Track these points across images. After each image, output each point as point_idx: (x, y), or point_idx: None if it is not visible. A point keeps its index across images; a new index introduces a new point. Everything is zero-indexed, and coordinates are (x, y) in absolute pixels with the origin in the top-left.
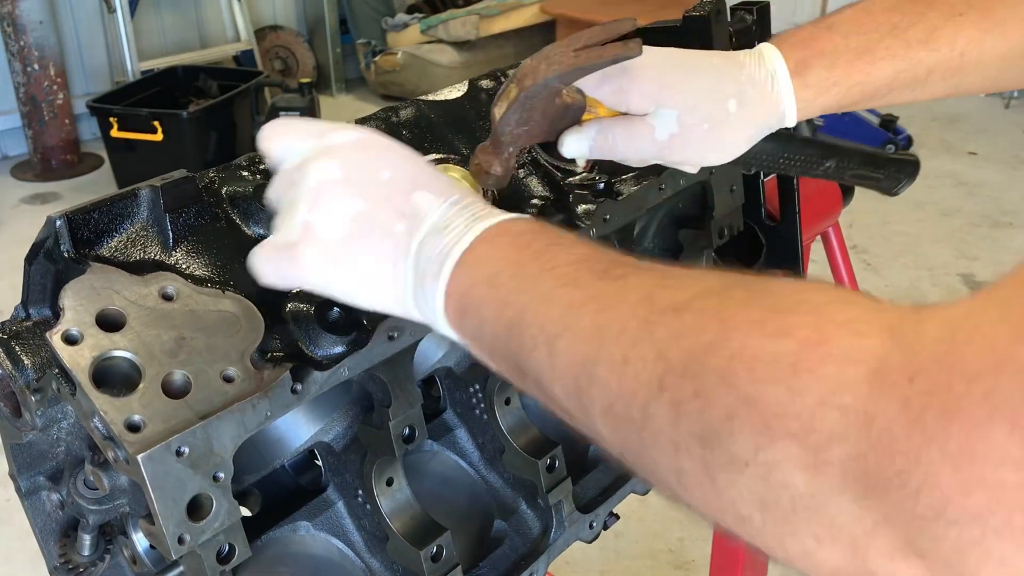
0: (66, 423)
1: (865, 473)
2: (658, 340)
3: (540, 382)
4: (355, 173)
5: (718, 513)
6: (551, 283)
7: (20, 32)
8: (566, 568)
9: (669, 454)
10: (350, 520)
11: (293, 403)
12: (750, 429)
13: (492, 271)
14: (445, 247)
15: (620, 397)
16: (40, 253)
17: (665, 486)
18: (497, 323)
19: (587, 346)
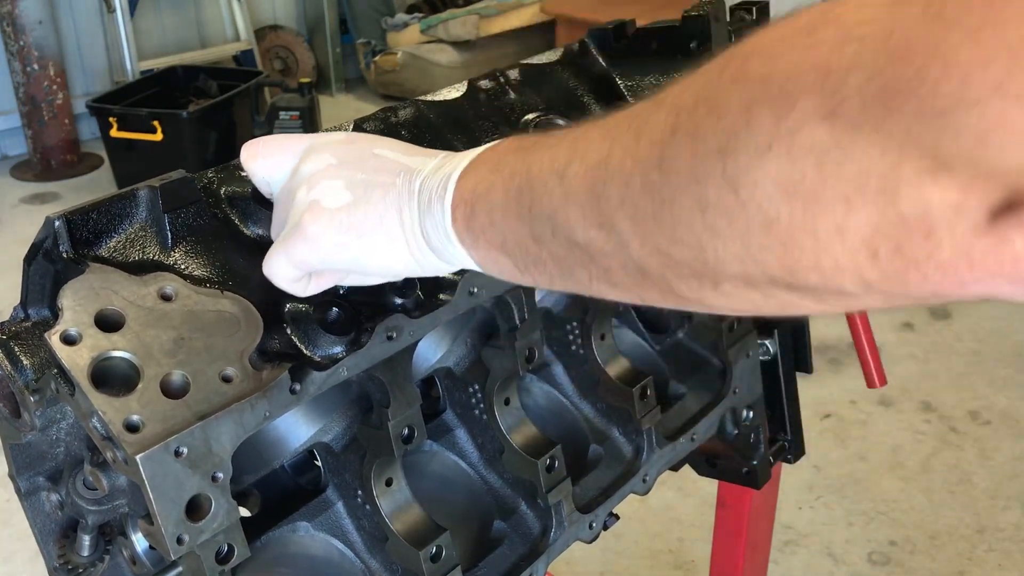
0: (65, 423)
1: (884, 88)
2: (668, 102)
3: (555, 224)
4: (348, 156)
5: (744, 234)
6: (554, 139)
7: (20, 32)
8: (566, 568)
9: (691, 194)
10: (349, 520)
11: (292, 403)
12: (768, 105)
13: (494, 160)
14: (445, 174)
15: (635, 172)
16: (39, 253)
17: (690, 249)
18: (507, 198)
19: (597, 153)
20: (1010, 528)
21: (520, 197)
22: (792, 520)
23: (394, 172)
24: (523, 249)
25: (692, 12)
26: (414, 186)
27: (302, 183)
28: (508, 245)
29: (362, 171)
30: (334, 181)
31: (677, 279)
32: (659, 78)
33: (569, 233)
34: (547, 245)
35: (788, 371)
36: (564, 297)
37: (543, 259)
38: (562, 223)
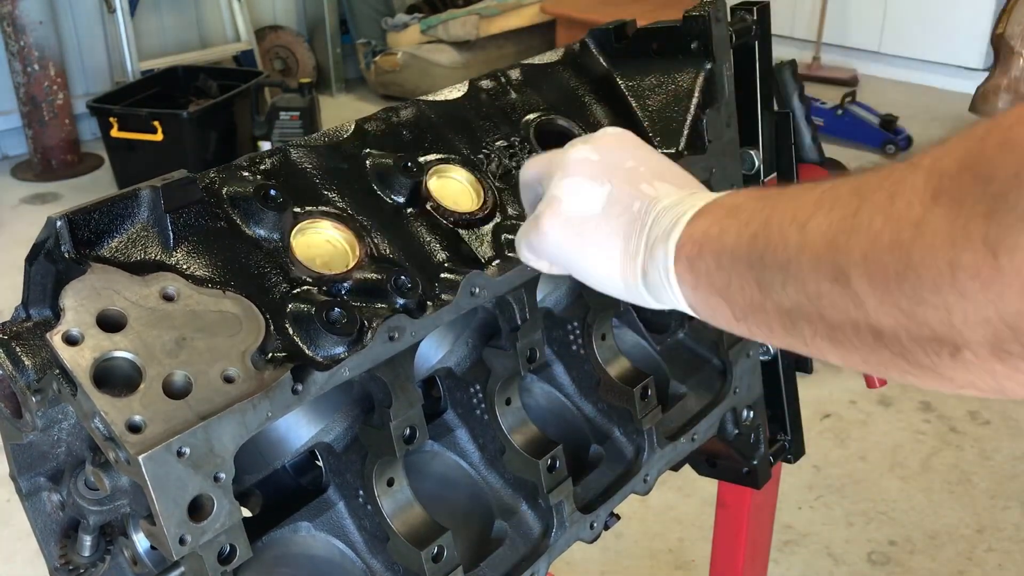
0: (67, 424)
1: None
2: (926, 166)
3: (786, 273)
4: (606, 157)
5: (998, 299)
6: (798, 189)
7: (20, 32)
8: (567, 568)
9: (943, 257)
10: (351, 521)
11: (294, 403)
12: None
13: (732, 206)
14: (679, 212)
15: (884, 230)
16: (41, 254)
17: (935, 310)
18: (739, 242)
19: (845, 209)
20: (1010, 528)
21: (754, 243)
22: (792, 520)
23: (638, 193)
24: (746, 297)
25: (692, 12)
26: (648, 219)
27: (560, 166)
28: (731, 291)
29: (611, 180)
30: (584, 181)
31: (914, 342)
32: (659, 78)
33: (800, 283)
34: (773, 295)
35: (788, 371)
36: (565, 297)
37: (767, 309)
38: (795, 273)
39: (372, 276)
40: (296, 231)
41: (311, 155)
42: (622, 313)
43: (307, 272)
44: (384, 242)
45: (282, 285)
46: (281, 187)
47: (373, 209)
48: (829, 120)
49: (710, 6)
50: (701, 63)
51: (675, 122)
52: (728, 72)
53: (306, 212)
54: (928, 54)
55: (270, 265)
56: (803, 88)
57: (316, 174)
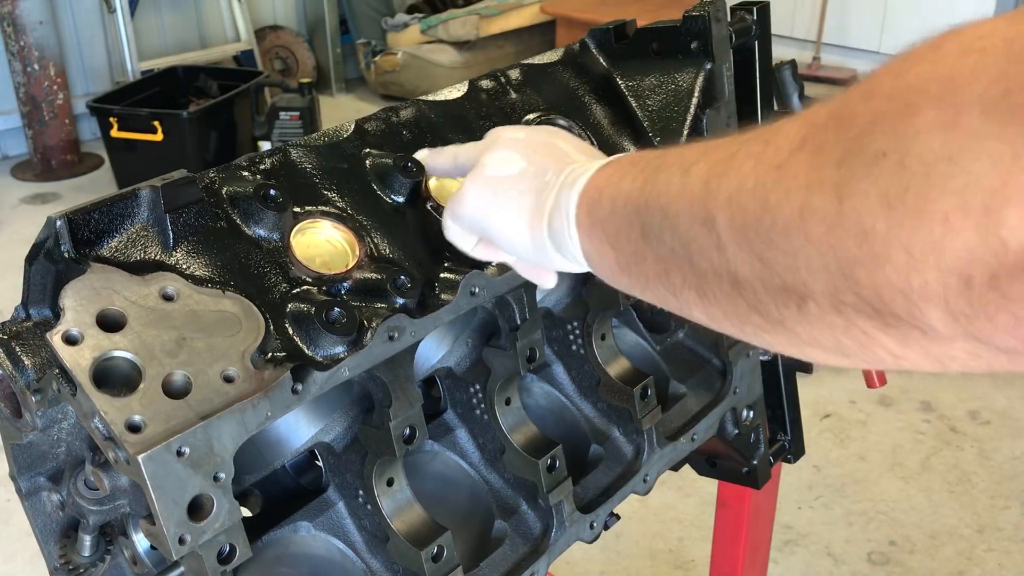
0: (66, 423)
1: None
2: (803, 116)
3: (665, 216)
4: (535, 138)
5: (838, 245)
6: (692, 146)
7: (20, 32)
8: (566, 568)
9: (797, 200)
10: (351, 520)
11: (293, 403)
12: (891, 116)
13: (636, 157)
14: (588, 168)
15: (751, 175)
16: (40, 253)
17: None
18: (632, 187)
19: (724, 153)
20: (1010, 528)
21: (643, 189)
22: (792, 520)
23: (558, 161)
24: (631, 244)
25: (692, 12)
26: (560, 178)
27: (492, 141)
28: (619, 239)
29: (536, 153)
30: (508, 152)
31: (766, 292)
32: (659, 78)
33: (675, 229)
34: (652, 241)
35: (788, 371)
36: (565, 297)
37: (645, 257)
38: (672, 217)
39: (372, 276)
40: (296, 231)
41: (311, 155)
42: (622, 313)
43: (307, 272)
44: (384, 242)
45: (282, 285)
46: (281, 187)
47: (373, 209)
48: None
49: (710, 6)
50: (701, 63)
51: (675, 122)
52: (728, 72)
53: (306, 212)
54: None
55: (270, 265)
56: (803, 88)
57: (316, 174)
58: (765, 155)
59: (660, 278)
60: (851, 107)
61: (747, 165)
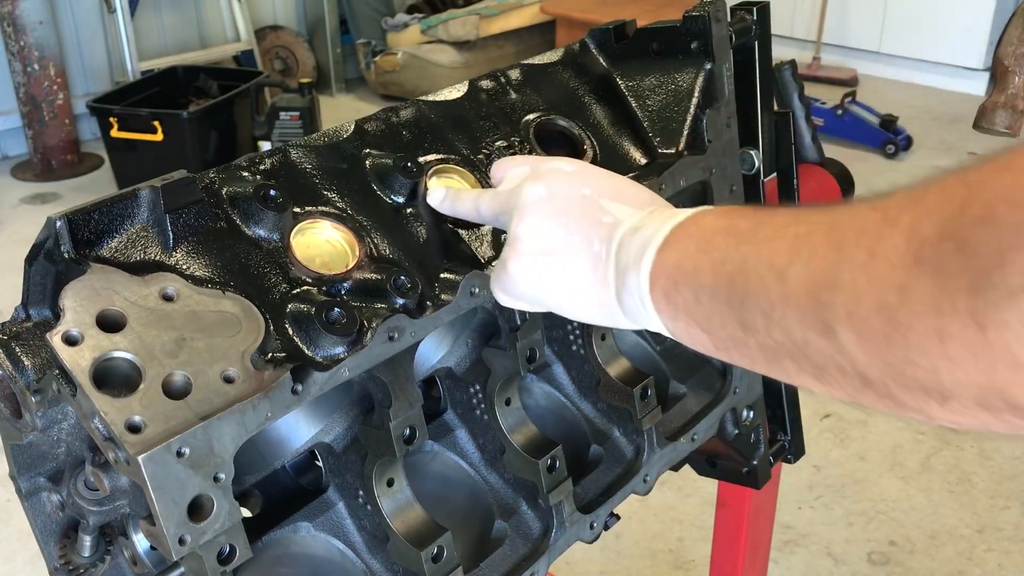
0: (66, 424)
1: None
2: (904, 226)
3: (770, 322)
4: (558, 192)
5: (988, 369)
6: (770, 230)
7: (20, 32)
8: (566, 568)
9: (931, 324)
10: (351, 521)
11: (293, 404)
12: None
13: (701, 240)
14: (644, 240)
15: (869, 291)
16: (40, 254)
17: (924, 371)
18: (716, 282)
19: (824, 261)
20: (1010, 528)
21: (732, 286)
22: (792, 520)
23: (595, 222)
24: (728, 332)
25: (692, 12)
26: (612, 244)
27: (516, 207)
28: (712, 325)
29: (566, 213)
30: (540, 221)
31: (902, 391)
32: (659, 78)
33: (785, 331)
34: (756, 335)
35: None
36: None
37: (748, 345)
38: (778, 321)
39: (372, 276)
40: (296, 231)
41: (311, 155)
42: None
43: (307, 272)
44: (384, 242)
45: (282, 285)
46: (281, 187)
47: (373, 209)
48: (829, 120)
49: (710, 6)
50: (701, 63)
51: (675, 122)
52: (728, 72)
53: (306, 212)
54: (928, 54)
55: (270, 265)
56: (803, 88)
57: (316, 174)
58: (876, 270)
59: (770, 363)
60: (969, 234)
61: (859, 280)
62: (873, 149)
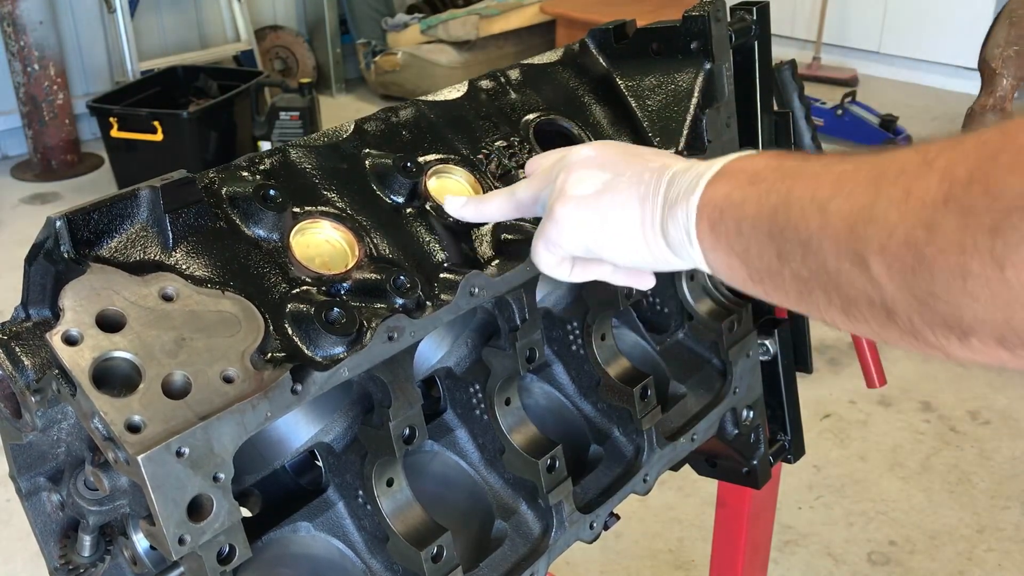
0: (66, 424)
1: None
2: (939, 168)
3: (806, 252)
4: (607, 155)
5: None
6: (818, 167)
7: (20, 32)
8: (566, 568)
9: (954, 261)
10: (350, 521)
11: (293, 404)
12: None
13: (752, 173)
14: (696, 174)
15: (901, 224)
16: (40, 254)
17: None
18: (760, 213)
19: (863, 196)
20: (1010, 528)
21: (775, 216)
22: (792, 520)
23: (646, 168)
24: (764, 262)
25: (692, 12)
26: (663, 180)
27: (562, 168)
28: (750, 255)
29: (613, 164)
30: (588, 171)
31: (924, 325)
32: (659, 78)
33: (820, 261)
34: (791, 264)
35: (788, 371)
36: (565, 297)
37: (784, 275)
38: (815, 250)
39: (371, 276)
40: (295, 231)
41: (311, 155)
42: (622, 313)
43: (306, 272)
44: (383, 242)
45: (281, 285)
46: (280, 187)
47: (372, 209)
48: (829, 120)
49: (710, 6)
50: (701, 63)
51: (675, 122)
52: (728, 72)
53: (305, 212)
54: (928, 54)
55: (269, 265)
56: (803, 88)
57: (316, 174)
58: (908, 206)
59: (801, 295)
60: (997, 177)
61: (892, 215)
62: None
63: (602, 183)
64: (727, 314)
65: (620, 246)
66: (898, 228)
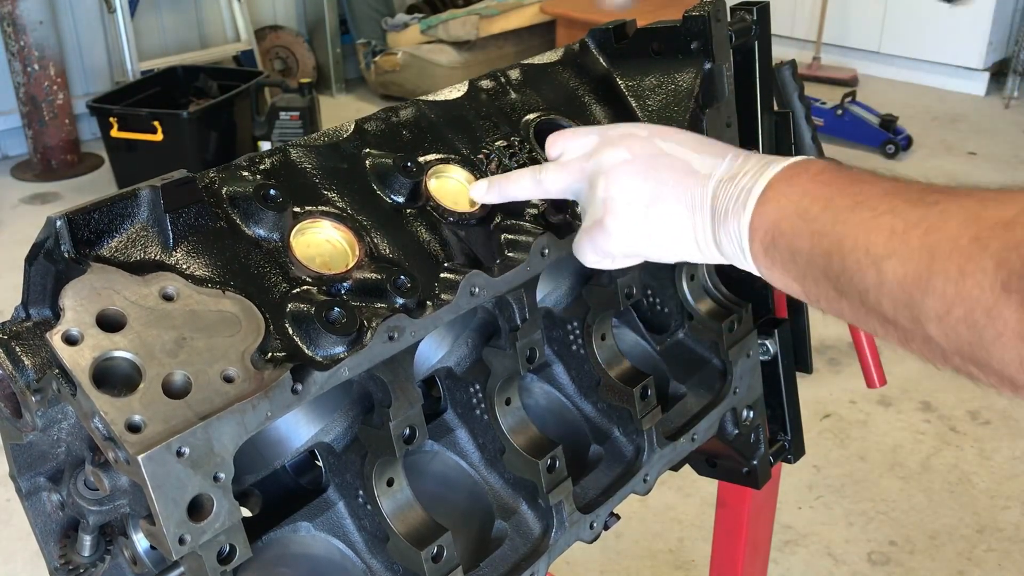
0: (66, 424)
1: None
2: (994, 252)
3: (865, 298)
4: (640, 152)
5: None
6: (867, 213)
7: (20, 32)
8: (566, 568)
9: (1012, 349)
10: (351, 520)
11: (293, 403)
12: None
13: (800, 206)
14: (743, 188)
15: (958, 304)
16: (40, 253)
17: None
18: (813, 251)
19: (918, 265)
20: (1010, 528)
21: (829, 260)
22: (792, 520)
23: (683, 173)
24: (822, 291)
25: (692, 12)
26: (706, 192)
27: (600, 173)
28: (806, 282)
29: (654, 170)
30: (630, 180)
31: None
32: (659, 78)
33: (879, 309)
34: (849, 300)
35: (788, 371)
36: (565, 297)
37: (840, 303)
38: (873, 302)
39: (372, 276)
40: (296, 231)
41: (311, 155)
42: (622, 313)
43: (307, 272)
44: (384, 242)
45: (282, 285)
46: (281, 187)
47: (373, 209)
48: (829, 120)
49: (710, 6)
50: (701, 63)
51: (675, 122)
52: (728, 72)
53: (306, 212)
54: (928, 54)
55: (270, 265)
56: (803, 88)
57: (316, 174)
58: (965, 287)
59: (859, 321)
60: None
61: (949, 290)
62: (873, 149)
63: (648, 196)
64: (727, 314)
65: (672, 252)
66: (956, 307)
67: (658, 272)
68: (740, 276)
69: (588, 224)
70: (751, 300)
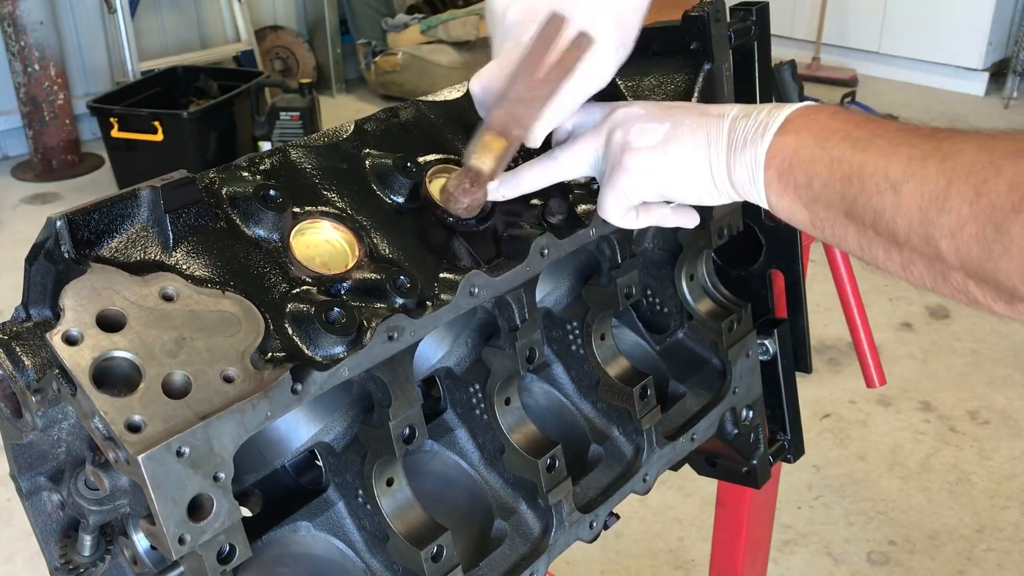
0: (67, 424)
1: None
2: (1008, 176)
3: (878, 221)
4: (653, 108)
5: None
6: (885, 144)
7: (20, 32)
8: (566, 568)
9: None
10: (350, 520)
11: (293, 403)
12: None
13: (819, 136)
14: (760, 123)
15: (972, 221)
16: (40, 254)
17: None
18: (831, 176)
19: (935, 187)
20: (1009, 528)
21: (847, 184)
22: (792, 520)
23: (698, 113)
24: (830, 216)
25: (692, 12)
26: (722, 126)
27: (616, 126)
28: (816, 207)
29: (669, 116)
30: (646, 124)
31: (977, 289)
32: (659, 78)
33: (890, 230)
34: (858, 226)
35: (787, 371)
36: (564, 297)
37: (847, 229)
38: (887, 223)
39: (371, 276)
40: (295, 231)
41: (311, 155)
42: (621, 313)
43: (306, 272)
44: (383, 242)
45: (281, 285)
46: (281, 187)
47: (372, 209)
48: None
49: (710, 6)
50: (701, 63)
51: None
52: (728, 72)
53: (305, 212)
54: (928, 54)
55: (269, 265)
56: (803, 88)
57: (316, 174)
58: (979, 206)
59: (862, 248)
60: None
61: (963, 210)
62: None
63: (664, 133)
64: (726, 314)
65: (690, 187)
66: (969, 223)
67: (658, 272)
68: (740, 276)
69: (608, 173)
70: (750, 300)
